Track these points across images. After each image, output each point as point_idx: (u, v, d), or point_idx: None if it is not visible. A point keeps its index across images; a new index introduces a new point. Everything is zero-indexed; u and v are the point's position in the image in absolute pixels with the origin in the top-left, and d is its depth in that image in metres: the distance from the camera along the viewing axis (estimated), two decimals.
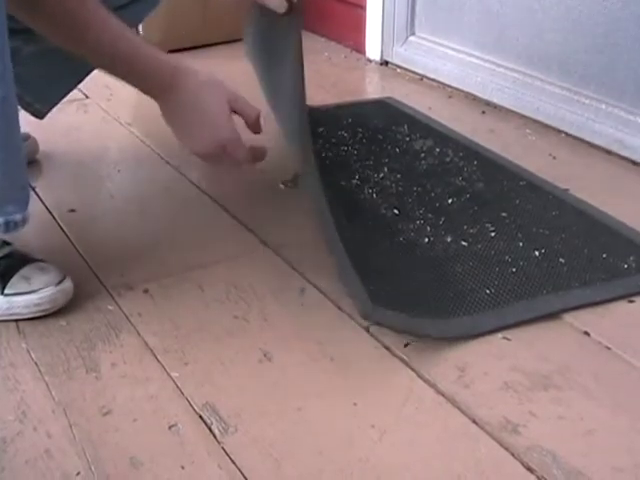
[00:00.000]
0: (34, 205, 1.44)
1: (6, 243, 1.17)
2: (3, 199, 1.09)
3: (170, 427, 0.94)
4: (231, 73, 1.96)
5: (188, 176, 1.55)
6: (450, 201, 1.43)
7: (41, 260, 1.16)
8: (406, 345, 1.08)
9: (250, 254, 1.29)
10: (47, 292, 1.12)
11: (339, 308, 1.15)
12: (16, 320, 1.12)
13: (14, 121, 1.08)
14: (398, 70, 2.19)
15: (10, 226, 1.10)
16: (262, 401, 0.98)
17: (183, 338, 1.09)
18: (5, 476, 0.87)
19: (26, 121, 1.81)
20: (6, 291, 1.11)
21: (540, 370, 1.03)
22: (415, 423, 0.95)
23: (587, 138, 1.70)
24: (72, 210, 1.43)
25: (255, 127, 1.27)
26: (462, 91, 2.00)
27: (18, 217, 1.11)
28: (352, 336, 1.10)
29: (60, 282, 1.13)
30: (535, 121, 1.81)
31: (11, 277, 1.12)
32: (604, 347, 1.08)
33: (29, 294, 1.11)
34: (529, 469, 0.88)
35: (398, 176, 1.53)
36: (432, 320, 1.10)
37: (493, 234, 1.32)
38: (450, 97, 2.00)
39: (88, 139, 1.75)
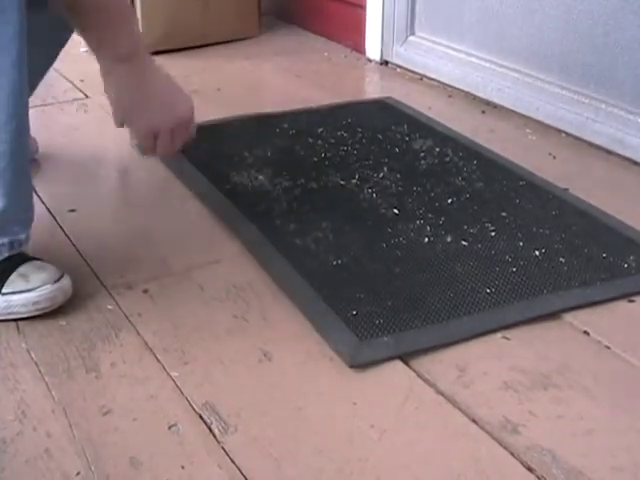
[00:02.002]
0: (34, 205, 1.44)
1: None
2: (10, 220, 1.12)
3: (170, 427, 0.94)
4: (231, 73, 1.97)
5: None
6: (450, 201, 1.43)
7: (39, 258, 1.16)
8: None
9: (249, 254, 1.29)
10: (45, 290, 1.12)
11: None
12: (16, 320, 1.12)
13: (25, 148, 1.12)
14: (398, 70, 2.19)
15: (14, 245, 1.13)
16: (262, 401, 0.98)
17: (183, 337, 1.09)
18: (5, 476, 0.87)
19: None
20: (4, 290, 1.11)
21: (540, 369, 1.03)
22: (415, 423, 0.95)
23: (587, 138, 1.70)
24: (72, 210, 1.43)
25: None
26: (462, 91, 2.00)
27: (22, 237, 1.14)
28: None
29: (58, 280, 1.13)
30: (535, 121, 1.80)
31: (9, 275, 1.12)
32: (604, 346, 1.08)
33: (27, 292, 1.11)
34: (529, 469, 0.88)
35: (398, 176, 1.53)
36: (429, 326, 1.10)
37: (493, 234, 1.32)
38: (450, 97, 2.00)
39: (88, 139, 1.75)
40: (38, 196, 1.47)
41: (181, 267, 1.26)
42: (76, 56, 2.27)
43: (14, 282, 1.12)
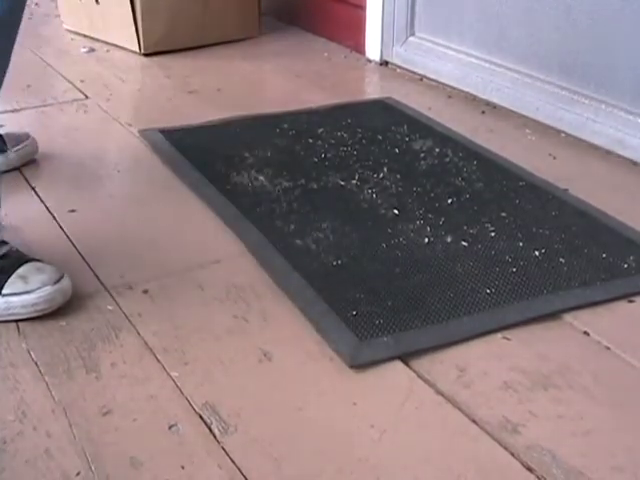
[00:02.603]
0: (34, 205, 1.45)
1: (3, 242, 1.17)
2: None
3: (170, 427, 0.94)
4: (231, 73, 1.97)
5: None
6: (450, 201, 1.43)
7: (39, 260, 1.16)
8: None
9: (249, 254, 1.29)
10: (44, 292, 1.11)
11: None
12: (16, 320, 1.12)
13: None
14: (398, 70, 2.19)
15: None
16: (262, 401, 0.98)
17: (183, 338, 1.09)
18: (5, 476, 0.87)
19: (26, 122, 1.82)
20: (3, 291, 1.11)
21: (540, 370, 1.03)
22: (415, 423, 0.95)
23: (587, 138, 1.70)
24: (72, 210, 1.43)
25: None
26: (462, 91, 2.00)
27: None
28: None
29: (57, 281, 1.13)
30: (535, 121, 1.81)
31: (8, 277, 1.12)
32: (604, 347, 1.08)
33: (26, 294, 1.11)
34: (529, 469, 0.88)
35: (398, 176, 1.53)
36: (429, 326, 1.10)
37: (493, 234, 1.32)
38: (450, 97, 2.00)
39: (88, 139, 1.75)
40: (38, 196, 1.48)
41: (181, 267, 1.26)
42: (76, 57, 2.27)
43: (14, 283, 1.12)
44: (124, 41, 2.29)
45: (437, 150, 1.65)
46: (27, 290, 1.11)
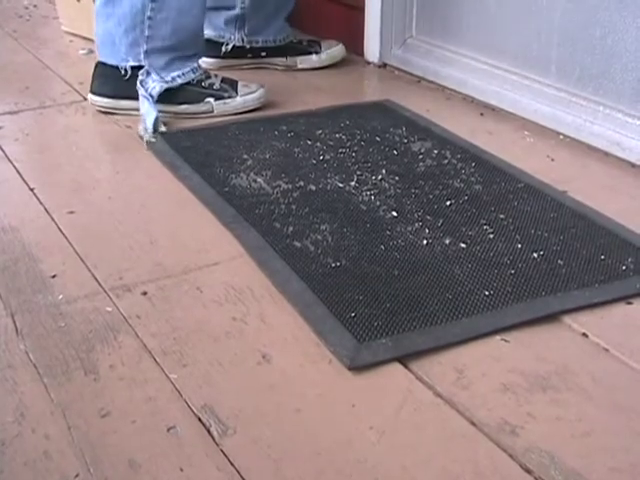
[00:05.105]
0: (33, 207, 1.45)
1: None
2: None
3: (169, 429, 0.94)
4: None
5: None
6: (448, 203, 1.43)
7: None
8: None
9: (248, 256, 1.29)
10: None
11: None
12: (14, 321, 1.12)
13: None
14: (396, 72, 2.19)
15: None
16: (261, 403, 0.98)
17: (181, 340, 1.09)
18: (4, 478, 0.87)
19: (24, 123, 1.82)
20: None
21: (538, 371, 1.03)
22: (413, 425, 0.95)
23: (585, 140, 1.70)
24: (71, 212, 1.43)
25: None
26: (460, 93, 2.00)
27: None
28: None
29: None
30: (533, 123, 1.81)
31: None
32: (602, 349, 1.08)
33: None
34: (527, 470, 0.88)
35: (396, 178, 1.53)
36: (428, 328, 1.10)
37: (491, 236, 1.33)
38: (448, 99, 2.00)
39: (86, 141, 1.75)
40: (37, 198, 1.48)
41: (180, 269, 1.26)
42: (75, 58, 2.28)
43: None
44: None
45: (435, 152, 1.65)
46: None
